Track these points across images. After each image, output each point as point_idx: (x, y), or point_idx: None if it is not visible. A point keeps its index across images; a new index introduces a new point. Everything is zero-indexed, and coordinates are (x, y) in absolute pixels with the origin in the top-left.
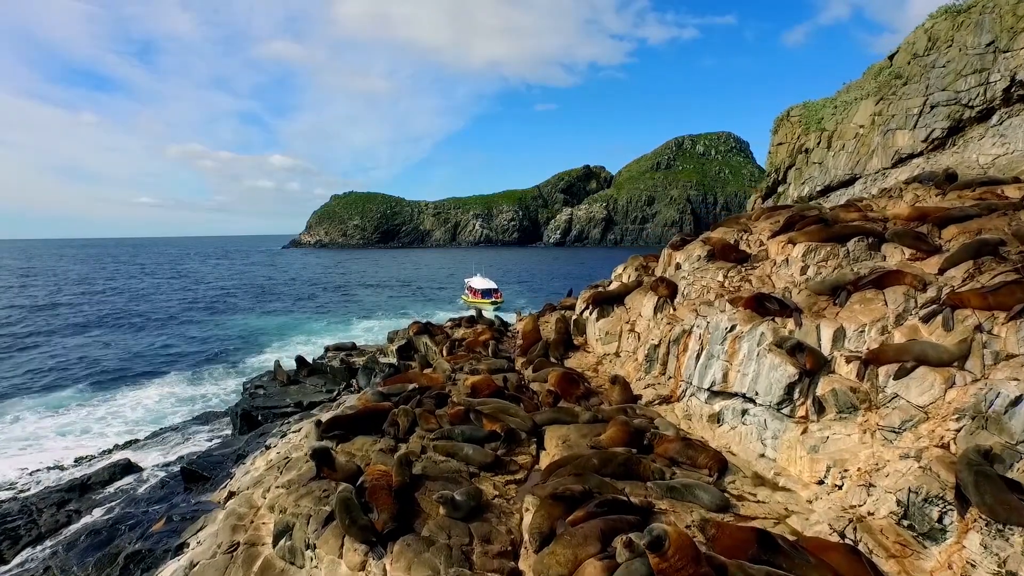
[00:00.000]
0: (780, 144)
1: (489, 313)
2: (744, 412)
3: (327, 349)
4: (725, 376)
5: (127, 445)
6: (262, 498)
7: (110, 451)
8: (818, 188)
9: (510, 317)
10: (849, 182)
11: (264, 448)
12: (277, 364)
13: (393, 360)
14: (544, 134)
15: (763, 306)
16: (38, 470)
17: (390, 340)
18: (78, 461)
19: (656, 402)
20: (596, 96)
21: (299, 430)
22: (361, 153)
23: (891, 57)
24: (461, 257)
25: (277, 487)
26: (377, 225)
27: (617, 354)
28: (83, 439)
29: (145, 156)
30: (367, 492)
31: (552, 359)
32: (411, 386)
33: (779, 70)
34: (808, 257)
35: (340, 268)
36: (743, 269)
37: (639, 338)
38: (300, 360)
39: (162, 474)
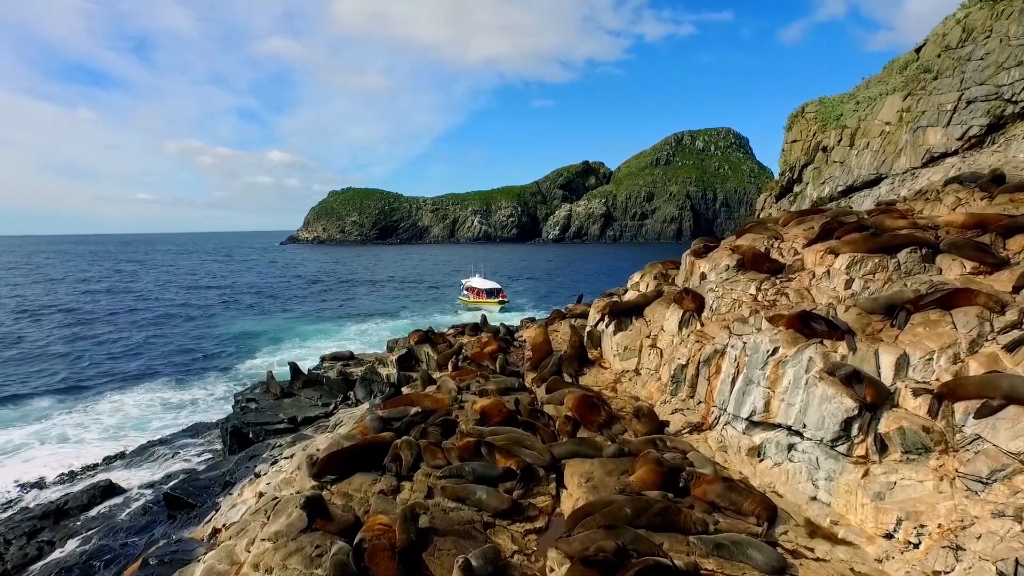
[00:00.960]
0: (795, 142)
1: (495, 314)
2: (791, 447)
3: (323, 359)
4: (767, 405)
5: (114, 459)
6: (246, 551)
7: (94, 467)
8: (839, 188)
9: (513, 318)
10: (874, 182)
11: (253, 476)
12: (270, 375)
13: (393, 371)
14: (542, 130)
15: (808, 326)
16: (20, 486)
17: (389, 349)
18: (62, 478)
19: (686, 431)
20: (594, 92)
21: (291, 457)
22: (359, 149)
23: (918, 50)
24: (459, 254)
25: (263, 539)
26: (375, 221)
27: (637, 372)
28: (65, 449)
29: (143, 152)
30: (366, 554)
31: (566, 376)
32: (414, 410)
33: (777, 67)
34: (853, 269)
35: (337, 266)
36: (777, 281)
37: (662, 355)
38: (294, 369)
39: (147, 495)
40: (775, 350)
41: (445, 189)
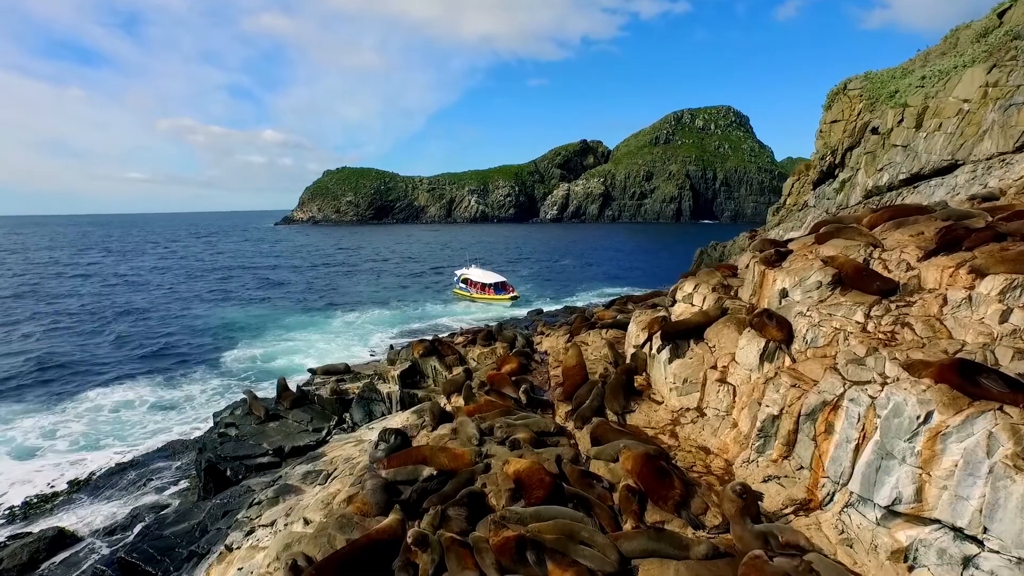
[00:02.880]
0: (835, 122)
1: (504, 311)
2: (967, 561)
3: (313, 372)
4: (918, 492)
5: (77, 487)
6: None
7: (53, 499)
8: (902, 176)
9: (520, 311)
10: (948, 170)
11: (224, 548)
12: (251, 396)
13: (395, 388)
14: (538, 109)
15: (974, 381)
16: None
17: (391, 362)
18: (12, 513)
19: (788, 510)
20: (589, 71)
21: (271, 525)
22: (354, 128)
23: (1001, 14)
24: (456, 235)
25: None
26: (371, 201)
27: (701, 412)
28: (26, 467)
29: (135, 131)
30: None
31: (610, 411)
32: (427, 472)
33: (773, 45)
34: (1010, 297)
35: (329, 249)
36: (892, 306)
37: (735, 394)
38: (282, 386)
39: (102, 550)
40: (927, 415)
41: (441, 168)
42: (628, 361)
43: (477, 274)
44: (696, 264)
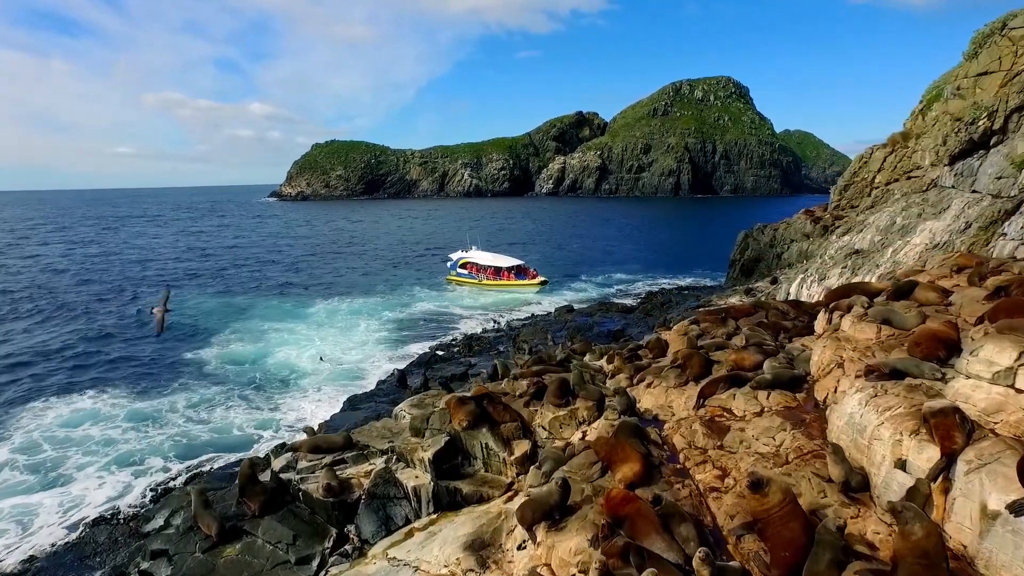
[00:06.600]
0: (984, 74)
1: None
2: None
3: (293, 449)
4: None
5: None
6: None
7: None
8: None
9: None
10: None
11: None
12: (201, 498)
13: (425, 478)
14: (531, 81)
15: None
16: None
17: (415, 432)
18: None
19: None
20: (581, 43)
21: None
22: (343, 101)
23: None
24: (449, 211)
25: None
26: (361, 175)
27: None
28: None
29: (122, 105)
30: None
31: None
32: None
33: (765, 17)
34: None
35: (315, 226)
36: None
37: None
38: (246, 478)
39: None
40: None
41: (433, 141)
42: (910, 519)
43: (485, 257)
44: (739, 250)
